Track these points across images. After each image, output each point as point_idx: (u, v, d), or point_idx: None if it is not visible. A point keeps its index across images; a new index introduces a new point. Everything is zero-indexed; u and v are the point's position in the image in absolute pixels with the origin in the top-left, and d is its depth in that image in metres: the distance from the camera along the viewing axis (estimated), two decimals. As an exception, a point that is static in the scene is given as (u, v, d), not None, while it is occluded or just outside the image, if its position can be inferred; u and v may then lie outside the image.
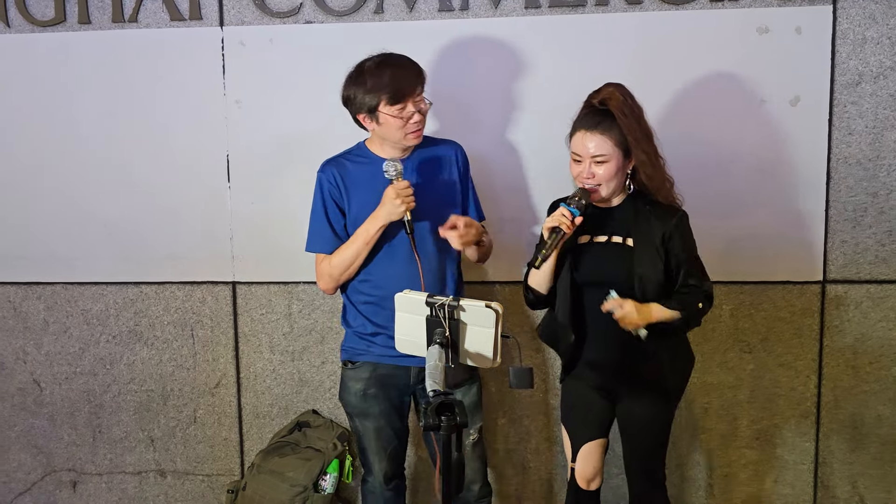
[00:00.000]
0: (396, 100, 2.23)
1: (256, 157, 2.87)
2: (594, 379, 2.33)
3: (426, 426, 1.70)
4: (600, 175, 2.18)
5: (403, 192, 2.24)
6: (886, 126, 2.67)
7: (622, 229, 2.24)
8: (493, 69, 2.75)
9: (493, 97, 2.76)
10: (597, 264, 2.24)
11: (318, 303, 2.93)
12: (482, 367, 1.97)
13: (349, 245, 2.34)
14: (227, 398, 3.02)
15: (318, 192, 2.39)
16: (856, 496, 2.87)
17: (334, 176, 2.37)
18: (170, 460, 3.07)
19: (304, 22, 2.79)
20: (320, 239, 2.39)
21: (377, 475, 2.47)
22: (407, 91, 2.24)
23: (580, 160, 2.20)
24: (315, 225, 2.40)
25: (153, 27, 2.83)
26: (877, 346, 2.78)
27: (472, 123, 2.76)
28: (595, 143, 2.16)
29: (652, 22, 2.69)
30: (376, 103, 2.24)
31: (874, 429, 2.82)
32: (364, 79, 2.25)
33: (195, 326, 2.99)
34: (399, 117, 2.25)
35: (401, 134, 2.27)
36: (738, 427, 2.87)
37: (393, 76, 2.23)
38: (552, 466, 2.96)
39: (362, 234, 2.31)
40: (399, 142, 2.31)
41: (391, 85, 2.22)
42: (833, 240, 2.74)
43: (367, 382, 2.40)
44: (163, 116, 2.87)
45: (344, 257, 2.34)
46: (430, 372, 1.82)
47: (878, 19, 2.63)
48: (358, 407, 2.42)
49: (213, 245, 2.92)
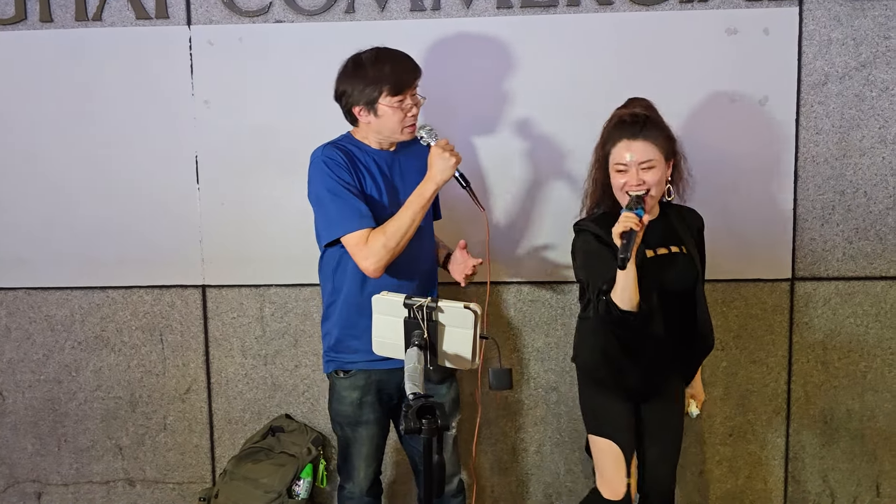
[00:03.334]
0: (398, 91, 2.21)
1: (227, 157, 2.82)
2: (636, 385, 2.29)
3: (407, 429, 1.68)
4: (649, 181, 2.18)
5: (448, 147, 2.22)
6: (852, 125, 2.72)
7: (673, 239, 2.27)
8: (465, 69, 2.74)
9: (465, 97, 2.75)
10: (671, 277, 2.22)
11: (290, 305, 2.89)
12: (461, 368, 1.96)
13: (403, 212, 2.19)
14: (197, 404, 2.97)
15: (329, 171, 2.22)
16: (826, 490, 2.92)
17: (340, 156, 2.25)
18: (139, 469, 3.01)
19: (274, 21, 2.75)
20: (356, 215, 2.19)
21: (361, 482, 2.42)
22: (408, 82, 2.24)
23: (625, 169, 2.18)
24: (342, 203, 2.19)
25: (118, 26, 2.77)
26: (846, 342, 2.82)
27: (444, 123, 2.74)
28: (642, 149, 2.17)
29: (623, 22, 2.70)
30: (377, 95, 2.21)
31: (844, 423, 2.87)
32: (364, 71, 2.23)
33: (164, 331, 2.93)
34: (399, 109, 2.23)
35: (399, 126, 2.25)
36: (712, 424, 2.89)
37: (394, 68, 2.23)
38: (529, 467, 2.96)
39: (416, 198, 2.20)
40: (394, 135, 2.28)
41: (393, 76, 2.21)
42: (802, 237, 2.78)
43: (363, 390, 2.35)
44: (129, 117, 2.81)
45: (401, 224, 2.18)
46: (409, 374, 1.80)
47: (843, 21, 2.68)
48: (352, 416, 2.36)
49: (182, 248, 2.86)
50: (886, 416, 2.85)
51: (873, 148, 2.73)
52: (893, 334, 2.81)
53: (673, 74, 2.70)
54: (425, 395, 1.72)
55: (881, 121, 2.71)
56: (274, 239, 2.84)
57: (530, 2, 2.70)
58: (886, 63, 2.68)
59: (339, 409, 2.38)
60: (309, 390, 2.94)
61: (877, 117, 2.71)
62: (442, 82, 2.70)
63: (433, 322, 1.89)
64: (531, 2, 2.70)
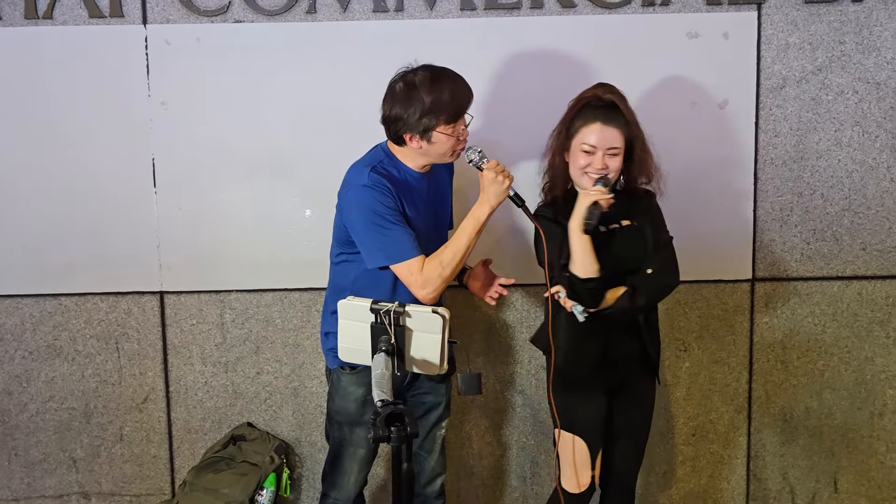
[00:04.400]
0: (456, 118, 2.12)
1: (184, 160, 2.75)
2: (608, 380, 2.30)
3: (375, 437, 1.65)
4: (613, 167, 2.22)
5: (499, 168, 2.15)
6: (809, 128, 2.77)
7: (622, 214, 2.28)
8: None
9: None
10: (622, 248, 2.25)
11: (251, 311, 2.83)
12: (428, 373, 1.94)
13: (456, 238, 2.14)
14: (155, 413, 2.89)
15: (375, 196, 2.12)
16: (786, 487, 2.96)
17: (386, 183, 2.14)
18: (94, 481, 2.91)
19: (234, 21, 2.70)
20: (409, 243, 2.12)
21: (349, 489, 2.35)
22: (466, 108, 2.15)
23: (593, 151, 2.20)
24: (393, 232, 2.11)
25: (70, 24, 2.69)
26: (804, 341, 2.87)
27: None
28: (613, 135, 2.20)
29: (586, 25, 2.71)
30: (434, 124, 2.09)
31: (803, 421, 2.92)
32: (419, 96, 2.09)
33: (120, 339, 2.84)
34: (452, 136, 2.14)
35: (450, 151, 2.17)
36: (675, 424, 2.92)
37: (454, 93, 2.11)
38: (495, 471, 2.95)
39: (471, 222, 2.14)
40: (443, 159, 2.20)
41: (452, 103, 2.10)
42: (761, 238, 2.82)
43: (368, 388, 2.26)
44: (82, 118, 2.72)
45: (457, 250, 2.13)
46: (376, 381, 1.77)
47: (800, 26, 2.72)
48: (354, 415, 2.28)
49: (138, 253, 2.78)
50: (843, 413, 2.91)
51: (829, 151, 2.78)
52: (849, 333, 2.87)
53: (635, 77, 2.71)
54: (394, 401, 1.69)
55: (836, 124, 2.77)
56: (234, 244, 2.78)
57: (494, 3, 2.69)
58: (841, 67, 2.74)
59: (343, 405, 2.30)
60: (271, 397, 2.89)
61: (832, 120, 2.77)
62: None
63: (400, 327, 1.87)
64: (495, 3, 2.69)
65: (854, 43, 2.72)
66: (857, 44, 2.72)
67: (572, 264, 2.16)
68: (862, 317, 2.86)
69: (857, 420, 2.91)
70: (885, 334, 2.87)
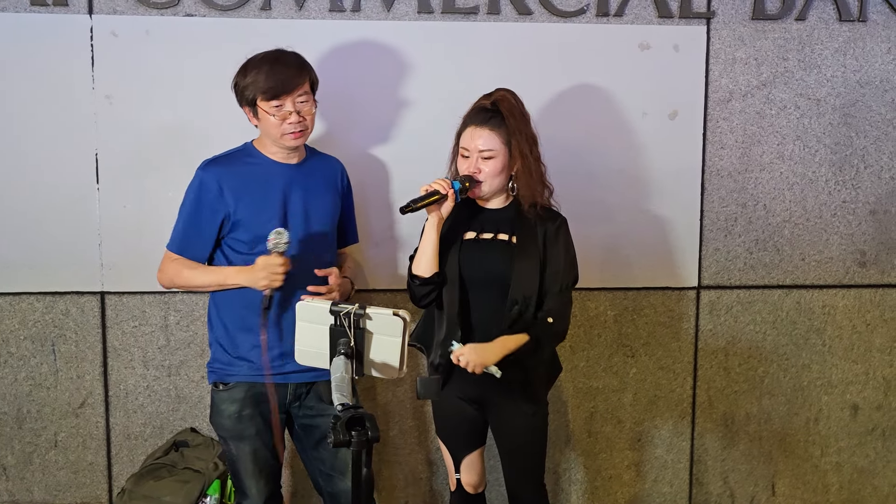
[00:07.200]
0: (272, 96, 2.17)
1: (130, 156, 2.66)
2: (466, 390, 2.30)
3: (336, 442, 1.61)
4: (486, 171, 2.22)
5: (272, 268, 2.12)
6: (753, 141, 2.86)
7: (507, 229, 2.27)
8: (383, 72, 2.70)
9: (381, 100, 2.71)
10: (482, 260, 2.25)
11: (197, 314, 2.75)
12: (388, 377, 1.91)
13: (206, 273, 2.24)
14: (93, 419, 2.77)
15: (196, 192, 2.26)
16: (727, 491, 3.03)
17: (217, 180, 2.23)
18: (25, 490, 2.78)
19: (185, 14, 2.62)
20: (185, 242, 2.26)
21: (255, 498, 2.33)
22: (284, 89, 2.17)
23: (468, 155, 2.23)
24: (185, 226, 2.27)
25: (10, 11, 2.57)
26: (746, 348, 2.95)
27: (358, 125, 2.70)
28: (484, 138, 2.21)
29: (541, 32, 2.73)
30: (254, 97, 2.19)
31: (743, 426, 3.00)
32: (246, 70, 2.22)
33: (57, 341, 2.73)
34: (277, 116, 2.18)
35: (277, 132, 2.21)
36: (622, 429, 2.96)
37: (271, 71, 2.18)
38: (444, 476, 2.93)
39: (221, 277, 2.23)
40: (276, 140, 2.24)
41: (267, 80, 2.17)
42: (707, 247, 2.89)
43: (241, 403, 2.26)
44: (21, 110, 2.60)
45: (193, 282, 2.26)
46: (336, 385, 1.73)
47: (747, 41, 2.81)
48: (232, 430, 2.28)
49: (78, 252, 2.67)
50: (781, 418, 3.00)
51: (772, 163, 2.87)
52: (788, 341, 2.97)
53: (589, 86, 2.75)
54: (354, 405, 1.66)
55: (779, 137, 2.86)
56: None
57: (451, 7, 2.69)
58: (784, 83, 2.83)
59: (219, 421, 2.30)
60: (216, 402, 2.81)
61: (775, 134, 2.86)
62: (358, 84, 2.66)
63: (360, 330, 1.83)
64: (452, 7, 2.69)
65: (797, 60, 2.82)
66: (800, 61, 2.82)
67: (416, 262, 2.23)
68: (800, 325, 2.96)
69: (794, 425, 3.01)
70: (822, 342, 2.97)
